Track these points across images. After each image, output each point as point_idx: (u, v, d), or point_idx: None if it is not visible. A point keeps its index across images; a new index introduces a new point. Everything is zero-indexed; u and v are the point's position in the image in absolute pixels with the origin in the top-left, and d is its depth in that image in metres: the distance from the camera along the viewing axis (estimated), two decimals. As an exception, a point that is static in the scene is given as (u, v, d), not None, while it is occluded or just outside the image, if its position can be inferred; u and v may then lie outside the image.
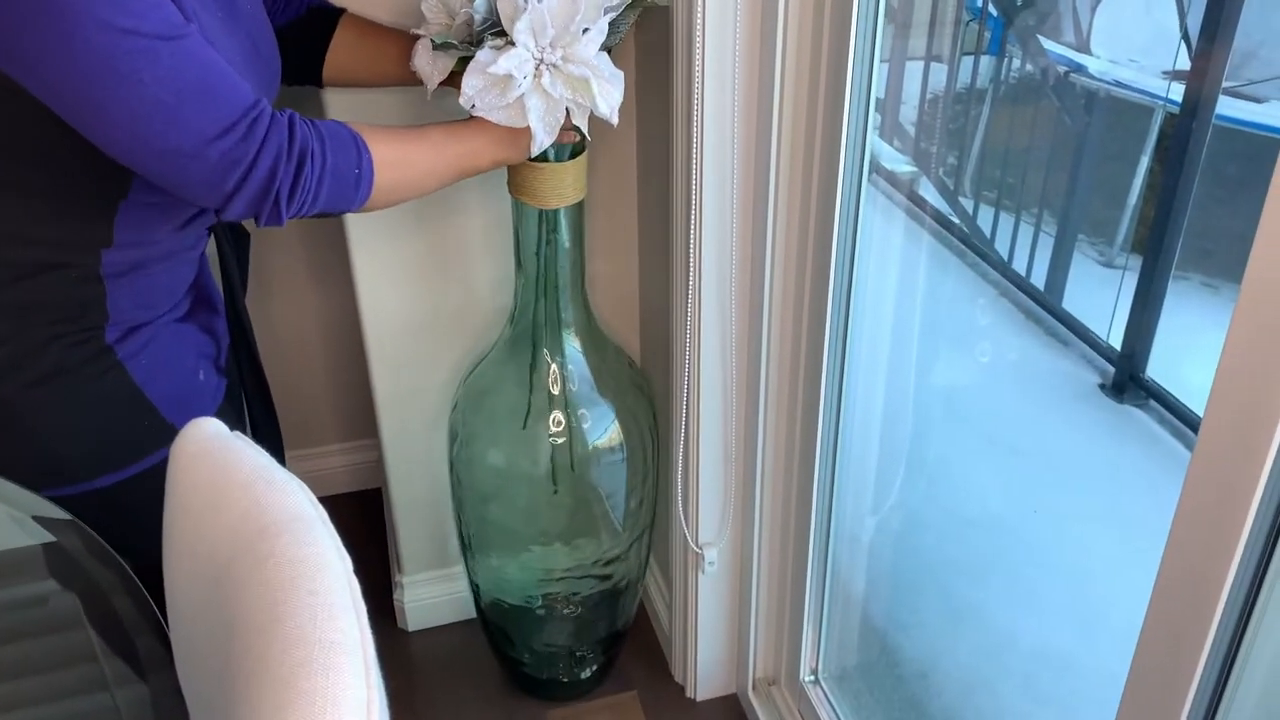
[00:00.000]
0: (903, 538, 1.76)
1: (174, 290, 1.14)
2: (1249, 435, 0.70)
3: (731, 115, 1.32)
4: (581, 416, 1.59)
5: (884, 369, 1.62)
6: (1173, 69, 2.06)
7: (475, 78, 1.17)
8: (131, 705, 1.05)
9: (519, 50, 1.16)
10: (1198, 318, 1.93)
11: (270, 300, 2.10)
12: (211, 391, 1.20)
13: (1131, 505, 1.82)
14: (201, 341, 1.19)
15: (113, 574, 1.02)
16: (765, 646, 1.77)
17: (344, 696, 0.57)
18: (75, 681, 1.08)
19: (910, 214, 1.78)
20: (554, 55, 1.17)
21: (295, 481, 0.74)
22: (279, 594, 0.63)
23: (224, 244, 1.23)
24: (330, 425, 2.28)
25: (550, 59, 1.17)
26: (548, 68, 1.18)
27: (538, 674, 1.84)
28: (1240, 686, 0.78)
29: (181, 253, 1.12)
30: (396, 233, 1.60)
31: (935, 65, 2.28)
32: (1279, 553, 0.72)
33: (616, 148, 1.63)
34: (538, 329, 1.55)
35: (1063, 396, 2.08)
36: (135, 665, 1.04)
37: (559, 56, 1.17)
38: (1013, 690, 1.67)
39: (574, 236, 1.49)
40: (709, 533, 1.65)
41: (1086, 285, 2.23)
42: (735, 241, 1.41)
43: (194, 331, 1.18)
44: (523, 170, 1.39)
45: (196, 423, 0.79)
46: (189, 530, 0.74)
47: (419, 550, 1.92)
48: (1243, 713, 0.79)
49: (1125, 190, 2.20)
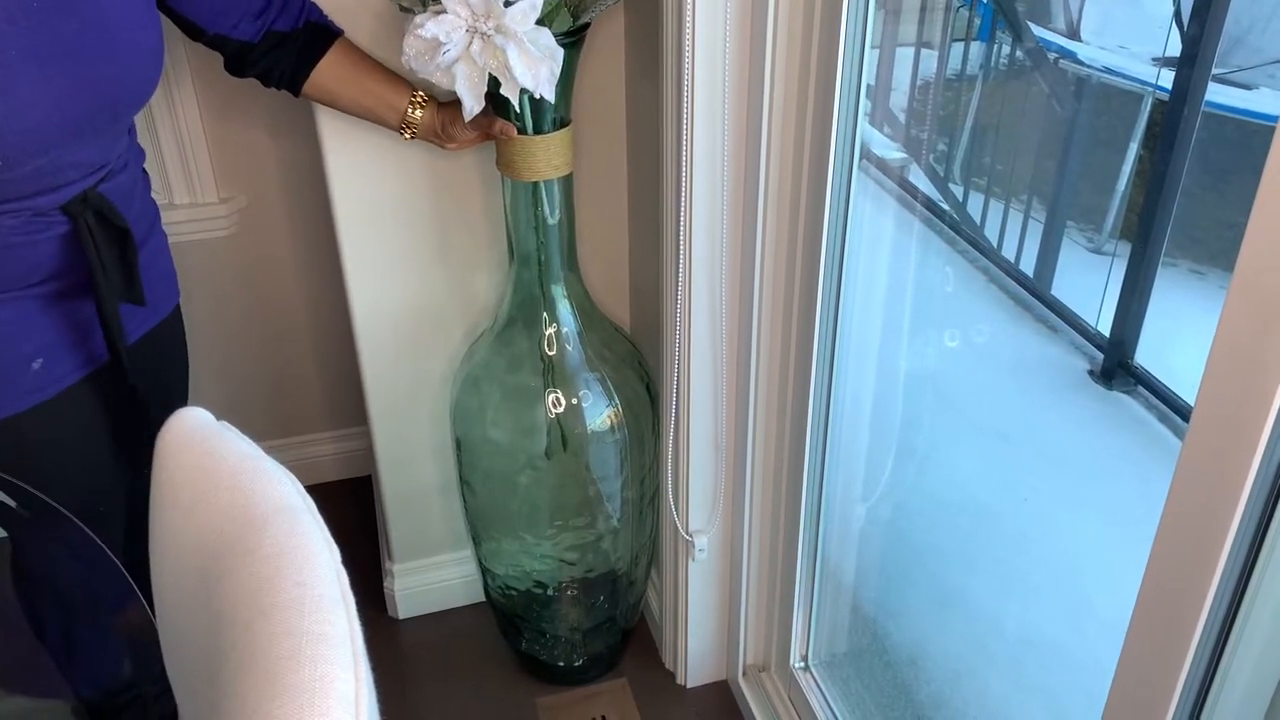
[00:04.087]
0: (892, 525, 1.76)
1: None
2: (1240, 423, 0.69)
3: (722, 101, 1.31)
4: (583, 396, 1.59)
5: (874, 356, 1.62)
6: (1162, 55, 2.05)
7: (412, 39, 1.22)
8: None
9: (449, 16, 1.19)
10: (1186, 304, 1.93)
11: (258, 288, 2.08)
12: (42, 384, 1.19)
13: (1120, 492, 1.82)
14: (52, 332, 1.18)
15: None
16: (755, 633, 1.77)
17: (332, 689, 0.57)
18: None
19: (901, 201, 1.78)
20: (488, 25, 1.20)
21: (283, 471, 0.73)
22: (266, 586, 0.63)
23: (91, 241, 1.17)
24: (321, 413, 2.27)
25: (484, 28, 1.20)
26: (479, 37, 1.20)
27: (540, 657, 1.84)
28: (1230, 673, 0.79)
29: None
30: (385, 219, 1.59)
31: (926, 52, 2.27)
32: (1269, 541, 0.72)
33: (608, 125, 1.63)
34: (534, 306, 1.55)
35: (1052, 383, 2.08)
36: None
37: (492, 26, 1.20)
38: (1000, 677, 1.68)
39: (565, 212, 1.49)
40: (699, 520, 1.65)
41: (1076, 272, 2.23)
42: (725, 231, 1.40)
43: (43, 322, 1.17)
44: (503, 144, 1.41)
45: (182, 413, 0.78)
46: (175, 522, 0.73)
47: (409, 538, 1.91)
48: (1231, 699, 0.80)
49: (1114, 177, 2.20)
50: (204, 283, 2.05)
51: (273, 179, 1.99)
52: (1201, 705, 0.81)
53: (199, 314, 2.08)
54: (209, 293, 2.06)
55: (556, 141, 1.41)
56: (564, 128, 1.42)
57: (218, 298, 2.07)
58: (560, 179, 1.45)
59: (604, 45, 1.56)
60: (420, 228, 1.61)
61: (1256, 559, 0.73)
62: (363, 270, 1.62)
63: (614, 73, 1.59)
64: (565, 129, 1.42)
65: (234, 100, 1.90)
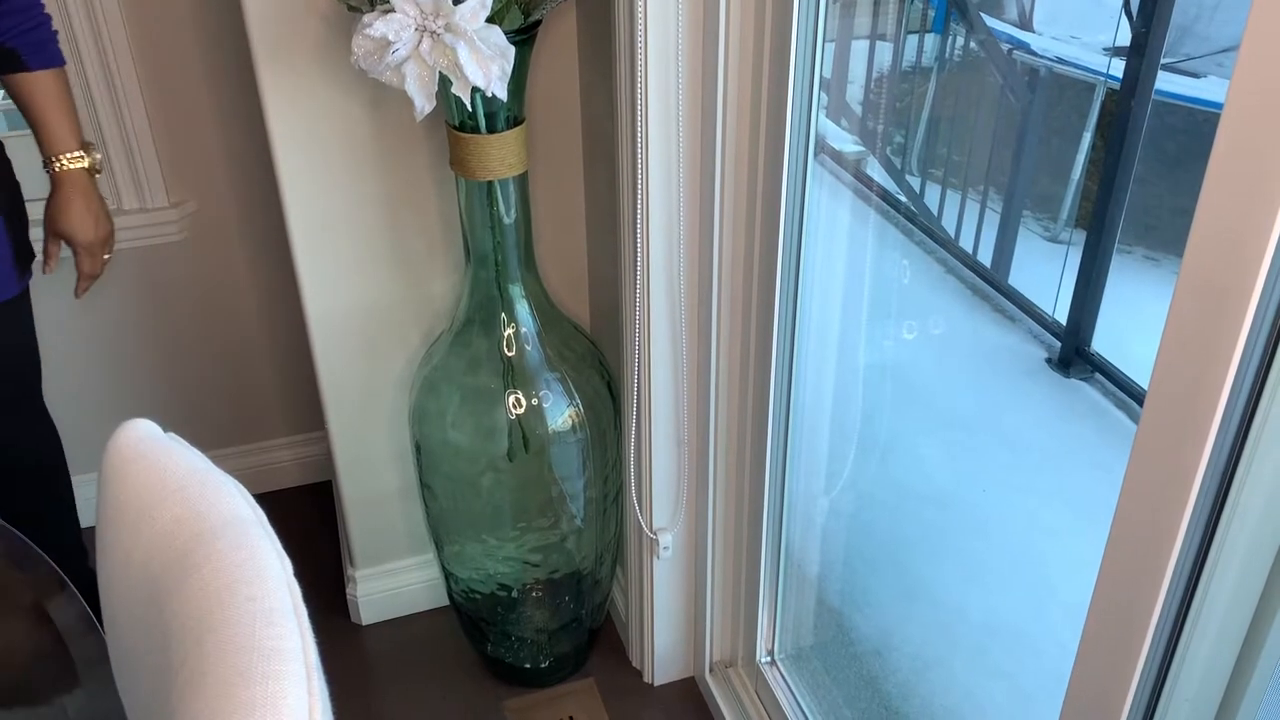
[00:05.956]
0: (855, 517, 1.77)
1: None
2: (1193, 408, 0.70)
3: (676, 97, 1.31)
4: (543, 396, 1.57)
5: (834, 349, 1.62)
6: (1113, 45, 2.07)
7: (360, 39, 1.20)
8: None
9: (397, 15, 1.18)
10: (1141, 291, 1.96)
11: (211, 293, 2.05)
12: None
13: (1078, 477, 1.84)
14: None
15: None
16: (721, 630, 1.77)
17: (285, 705, 0.55)
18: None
19: (858, 193, 1.79)
20: (437, 24, 1.19)
21: (232, 483, 0.71)
22: (216, 600, 0.61)
23: None
24: (278, 419, 2.24)
25: (433, 27, 1.19)
26: (428, 35, 1.19)
27: (506, 659, 1.83)
28: (1189, 652, 0.79)
29: None
30: (339, 222, 1.57)
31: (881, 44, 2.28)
32: (1223, 523, 0.73)
33: (562, 123, 1.62)
34: (491, 307, 1.53)
35: (1010, 372, 2.10)
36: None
37: (441, 25, 1.19)
38: (965, 664, 1.69)
39: (520, 211, 1.48)
40: (663, 518, 1.64)
41: (1032, 261, 2.26)
42: (683, 227, 1.40)
43: None
44: (456, 143, 1.39)
45: (130, 424, 0.76)
46: (123, 537, 0.71)
47: (371, 544, 1.89)
48: (1191, 677, 0.80)
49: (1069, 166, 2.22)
50: (155, 289, 2.01)
51: (224, 182, 1.96)
52: (1161, 686, 0.82)
53: (151, 321, 2.05)
54: (161, 299, 2.03)
55: (510, 140, 1.39)
56: (518, 126, 1.40)
57: (170, 304, 2.04)
58: (515, 178, 1.44)
59: (556, 42, 1.55)
60: (375, 230, 1.60)
61: (1211, 541, 0.74)
62: (317, 274, 1.60)
63: (568, 70, 1.58)
64: (519, 127, 1.40)
65: (182, 102, 1.87)
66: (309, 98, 1.46)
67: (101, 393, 2.07)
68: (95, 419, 2.07)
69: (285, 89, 1.45)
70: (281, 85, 1.44)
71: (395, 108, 1.51)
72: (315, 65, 1.44)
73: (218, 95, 1.88)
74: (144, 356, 2.08)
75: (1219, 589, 0.76)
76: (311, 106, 1.47)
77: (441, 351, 1.61)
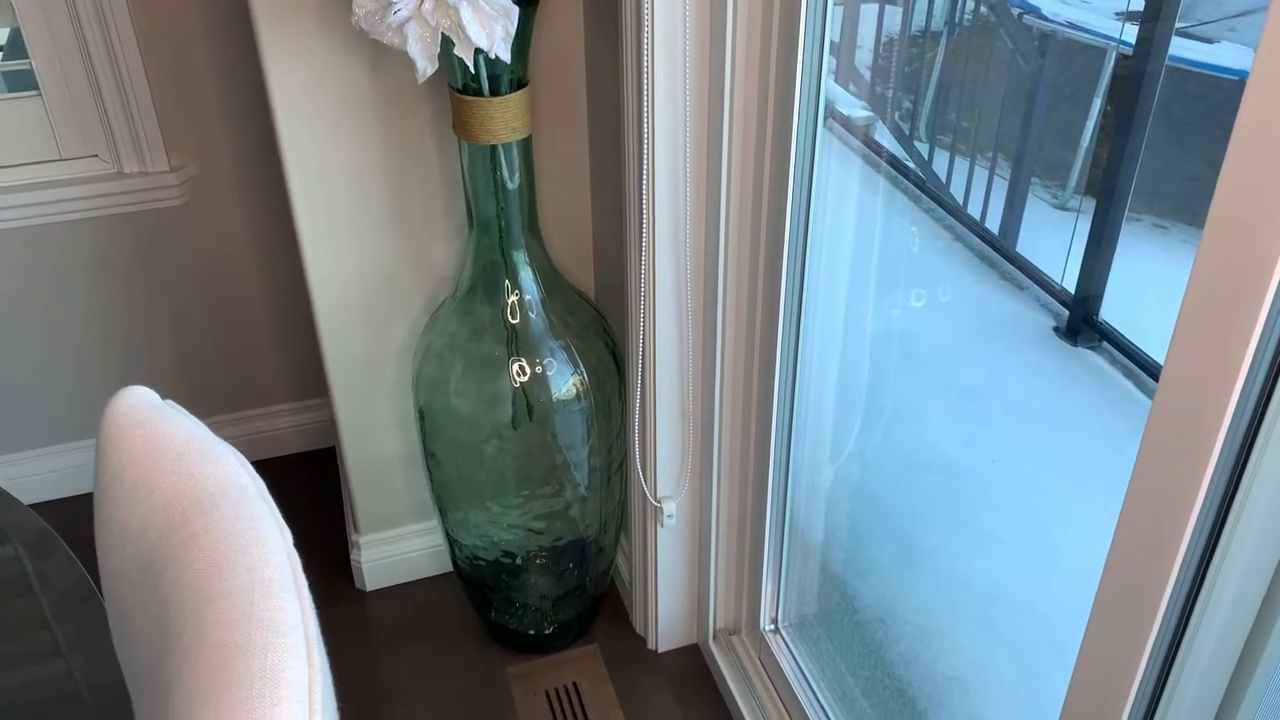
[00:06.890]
0: (860, 485, 1.76)
1: None
2: (1210, 382, 0.69)
3: (683, 59, 1.28)
4: (547, 364, 1.56)
5: (841, 317, 1.61)
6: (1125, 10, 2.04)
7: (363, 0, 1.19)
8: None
9: None
10: (1150, 259, 1.94)
11: (213, 258, 2.04)
12: None
13: (1085, 447, 1.83)
14: None
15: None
16: (725, 597, 1.77)
17: (284, 677, 0.55)
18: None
19: (866, 160, 1.76)
20: None
21: (231, 451, 0.70)
22: (215, 571, 0.61)
23: None
24: (281, 385, 2.23)
25: None
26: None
27: (510, 625, 1.83)
28: (1202, 623, 0.79)
29: None
30: (341, 187, 1.55)
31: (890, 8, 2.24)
32: (1239, 499, 0.72)
33: (567, 86, 1.59)
34: (495, 273, 1.52)
35: (1018, 340, 2.08)
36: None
37: None
38: (969, 633, 1.69)
39: (524, 176, 1.46)
40: (667, 486, 1.64)
41: (1041, 228, 2.23)
42: (689, 193, 1.38)
43: None
44: (459, 106, 1.37)
45: (127, 391, 0.75)
46: (121, 507, 0.70)
47: (374, 510, 1.89)
48: (1204, 649, 0.80)
49: (1079, 133, 2.19)
50: (155, 254, 2.00)
51: (224, 146, 1.94)
52: (1171, 660, 0.81)
53: (150, 286, 2.04)
54: (160, 264, 2.01)
55: (514, 103, 1.37)
56: (521, 89, 1.38)
57: (169, 269, 2.02)
58: (519, 141, 1.42)
59: (561, 4, 1.52)
60: (377, 195, 1.58)
61: (1228, 512, 0.73)
62: (319, 239, 1.58)
63: (572, 32, 1.55)
64: (523, 90, 1.38)
65: (182, 65, 1.84)
66: (310, 59, 1.44)
67: (99, 359, 2.06)
68: (92, 385, 2.06)
69: (285, 50, 1.42)
70: (282, 46, 1.42)
71: (397, 70, 1.49)
72: (316, 26, 1.42)
73: (218, 58, 1.86)
74: (142, 322, 2.07)
75: (1234, 559, 0.75)
76: (312, 68, 1.45)
77: (445, 318, 1.60)
